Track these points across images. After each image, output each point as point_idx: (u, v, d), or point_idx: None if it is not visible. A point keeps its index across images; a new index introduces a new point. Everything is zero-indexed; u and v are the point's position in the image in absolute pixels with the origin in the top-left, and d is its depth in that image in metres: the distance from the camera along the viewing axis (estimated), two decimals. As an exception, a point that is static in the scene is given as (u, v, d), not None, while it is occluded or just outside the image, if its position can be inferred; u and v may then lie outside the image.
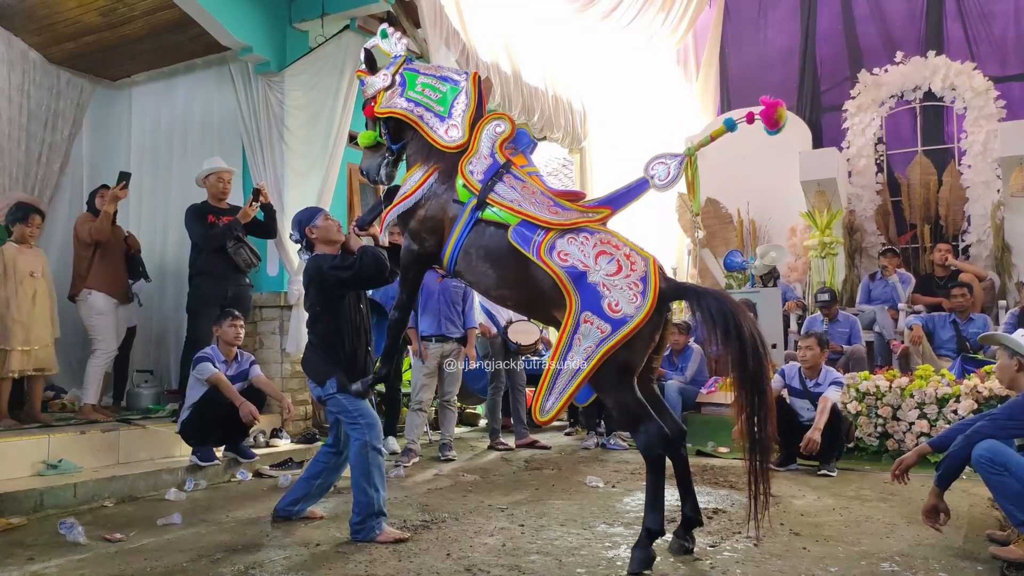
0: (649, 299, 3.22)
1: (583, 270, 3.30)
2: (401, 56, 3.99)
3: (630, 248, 3.39)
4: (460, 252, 3.62)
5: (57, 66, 7.14)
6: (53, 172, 7.17)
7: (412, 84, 3.89)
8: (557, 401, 3.26)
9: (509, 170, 3.62)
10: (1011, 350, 3.58)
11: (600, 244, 3.37)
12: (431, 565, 3.29)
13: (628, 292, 3.24)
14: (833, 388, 5.50)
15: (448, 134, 3.74)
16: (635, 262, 3.32)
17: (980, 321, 7.01)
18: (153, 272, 6.94)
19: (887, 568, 3.24)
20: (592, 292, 3.26)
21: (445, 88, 3.84)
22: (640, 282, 3.26)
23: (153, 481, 4.93)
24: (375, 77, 3.98)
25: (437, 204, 3.69)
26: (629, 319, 3.19)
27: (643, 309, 3.21)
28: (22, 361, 5.29)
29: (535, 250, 3.38)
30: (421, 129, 3.80)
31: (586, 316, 3.23)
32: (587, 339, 3.21)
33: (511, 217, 3.48)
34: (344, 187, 7.75)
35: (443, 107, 3.81)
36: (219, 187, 5.96)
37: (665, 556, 3.41)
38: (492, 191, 3.54)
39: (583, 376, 3.22)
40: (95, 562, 3.40)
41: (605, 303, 3.23)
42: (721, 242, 9.46)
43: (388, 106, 3.89)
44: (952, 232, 8.75)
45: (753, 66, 10.78)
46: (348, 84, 6.59)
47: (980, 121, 8.72)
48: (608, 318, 3.21)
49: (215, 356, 5.26)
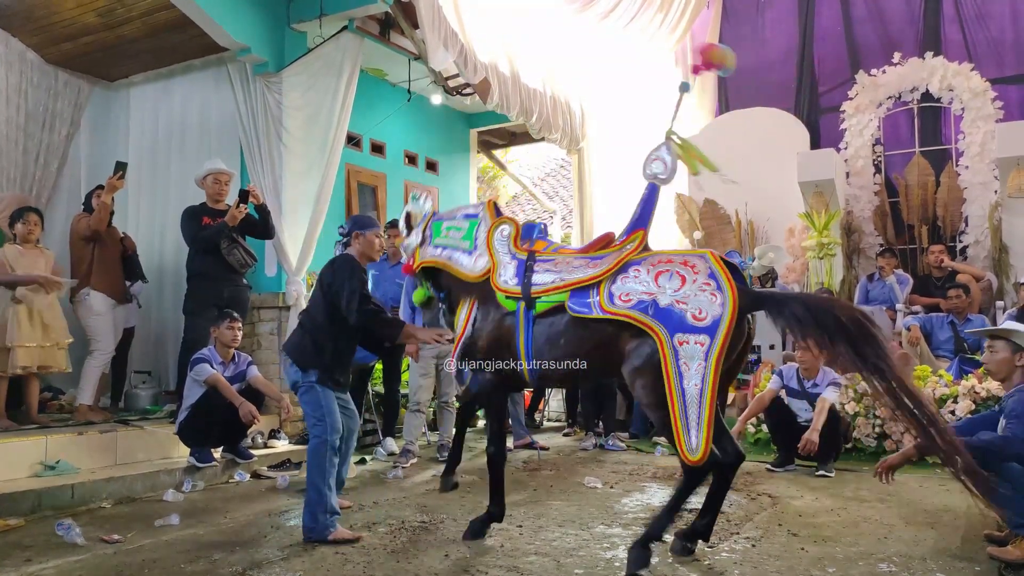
0: (728, 292, 3.15)
1: (650, 299, 3.25)
2: (429, 213, 4.15)
3: (683, 255, 3.36)
4: (533, 356, 3.61)
5: (55, 67, 7.14)
6: (51, 173, 7.17)
7: (438, 232, 4.05)
8: (701, 433, 3.08)
9: (535, 259, 3.67)
10: (1014, 344, 3.56)
11: (652, 268, 3.34)
12: (429, 566, 3.29)
13: (704, 295, 3.17)
14: (831, 389, 5.52)
15: (476, 264, 3.82)
16: (694, 264, 3.27)
17: (978, 322, 7.01)
18: (151, 273, 6.94)
19: (885, 569, 3.24)
20: (670, 314, 3.19)
21: (466, 224, 3.96)
22: (710, 279, 3.20)
23: (151, 482, 4.93)
24: (410, 238, 4.17)
25: (492, 328, 3.73)
26: (720, 318, 3.11)
27: (728, 304, 3.13)
28: (24, 359, 5.27)
29: (599, 309, 3.35)
30: (452, 270, 3.90)
31: (679, 338, 3.14)
32: (693, 360, 3.11)
33: (560, 296, 3.49)
34: (342, 188, 7.76)
35: (468, 241, 3.91)
36: (215, 188, 5.96)
37: (664, 556, 3.41)
38: (532, 285, 3.58)
39: (710, 397, 3.08)
40: (93, 563, 3.39)
41: (689, 316, 3.15)
42: (719, 243, 9.45)
43: (422, 259, 4.05)
44: (950, 233, 8.75)
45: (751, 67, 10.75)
46: (346, 85, 6.59)
47: (978, 122, 8.73)
48: (700, 329, 3.13)
49: (212, 357, 5.26)
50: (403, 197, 8.73)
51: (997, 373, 3.66)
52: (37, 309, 5.37)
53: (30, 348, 5.28)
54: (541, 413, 8.56)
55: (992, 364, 3.64)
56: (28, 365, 5.30)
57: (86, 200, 6.25)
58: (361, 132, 7.91)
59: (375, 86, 8.08)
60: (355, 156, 7.99)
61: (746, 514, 4.21)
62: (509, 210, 16.04)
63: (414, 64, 7.62)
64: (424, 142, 9.04)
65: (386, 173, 8.48)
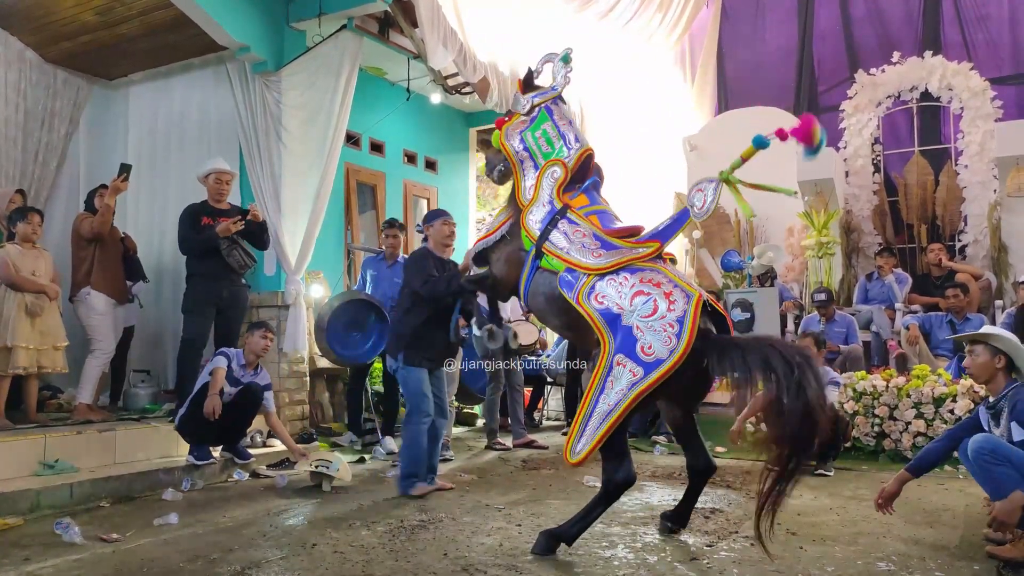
0: (684, 341, 3.17)
1: (617, 312, 3.33)
2: (556, 91, 4.14)
3: (674, 285, 3.36)
4: (528, 294, 3.88)
5: (54, 65, 7.13)
6: (50, 172, 7.16)
7: (537, 125, 4.06)
8: (588, 443, 3.27)
9: (565, 215, 3.77)
10: (993, 347, 3.58)
11: (640, 284, 3.38)
12: (428, 565, 3.29)
13: (663, 334, 3.21)
14: (830, 388, 5.52)
15: (527, 189, 3.97)
16: (675, 301, 3.28)
17: (977, 321, 7.01)
18: (150, 272, 6.93)
19: (884, 568, 3.25)
20: (627, 335, 3.26)
21: (558, 145, 4.00)
22: (676, 323, 3.21)
23: (150, 481, 4.93)
24: (523, 97, 4.18)
25: (509, 250, 4.03)
26: (661, 363, 3.16)
27: (676, 352, 3.16)
28: (23, 360, 5.26)
29: (575, 296, 3.49)
30: (516, 174, 4.05)
31: (619, 359, 3.24)
32: (619, 382, 3.21)
33: (559, 265, 3.65)
34: (342, 187, 7.75)
35: (541, 158, 4.00)
36: (217, 188, 5.96)
37: (661, 555, 3.41)
38: (547, 240, 3.73)
39: (614, 419, 3.22)
40: (91, 562, 3.39)
41: (639, 346, 3.22)
42: (719, 242, 9.46)
43: (507, 138, 4.12)
44: (949, 232, 8.75)
45: (750, 66, 10.79)
46: (345, 84, 6.59)
47: (977, 121, 8.73)
48: (640, 361, 3.20)
49: (236, 358, 5.29)
50: (402, 196, 8.73)
51: (979, 377, 3.68)
52: None
53: (28, 349, 5.27)
54: (540, 412, 8.56)
55: (974, 368, 3.66)
56: (27, 366, 5.29)
57: (87, 199, 6.25)
58: (360, 131, 7.90)
59: (374, 85, 8.07)
60: (354, 155, 7.98)
61: (745, 513, 4.21)
62: (508, 209, 16.04)
63: (413, 63, 7.61)
64: (423, 141, 9.04)
65: (385, 172, 8.47)
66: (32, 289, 5.29)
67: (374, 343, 6.41)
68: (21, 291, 5.27)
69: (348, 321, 6.36)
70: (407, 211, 8.79)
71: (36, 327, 5.33)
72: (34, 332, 5.32)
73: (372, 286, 6.60)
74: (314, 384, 6.93)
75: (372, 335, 6.43)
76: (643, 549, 3.53)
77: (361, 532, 3.84)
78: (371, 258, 6.95)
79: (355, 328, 6.41)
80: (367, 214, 8.25)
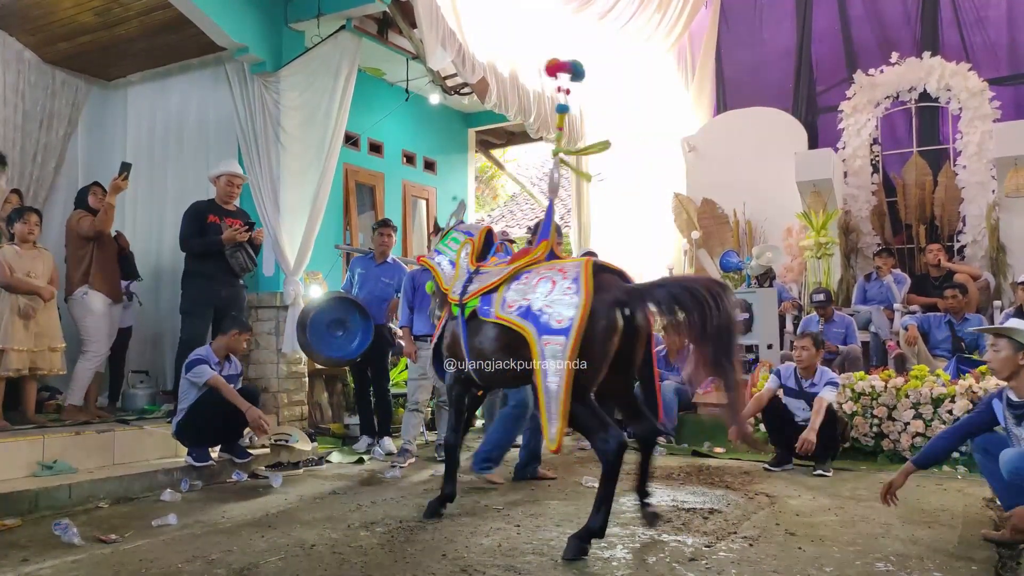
0: (583, 295, 3.39)
1: (527, 304, 3.57)
2: (455, 223, 4.63)
3: (563, 263, 3.68)
4: (470, 351, 3.96)
5: (52, 66, 7.13)
6: (48, 172, 7.17)
7: (445, 237, 4.51)
8: (555, 425, 3.40)
9: (478, 272, 4.07)
10: (1016, 342, 3.55)
11: (536, 274, 3.66)
12: (427, 565, 3.29)
13: (566, 299, 3.43)
14: (828, 388, 5.52)
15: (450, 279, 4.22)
16: (566, 270, 3.56)
17: (975, 321, 7.02)
18: (148, 273, 6.92)
19: (882, 568, 3.25)
20: (539, 316, 3.49)
21: (463, 239, 4.33)
22: (573, 283, 3.46)
23: (148, 482, 4.92)
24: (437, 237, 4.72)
25: (449, 331, 4.19)
26: (573, 322, 3.36)
27: (580, 306, 3.36)
28: (16, 362, 5.26)
29: (494, 314, 3.73)
30: (436, 276, 4.34)
31: (545, 340, 3.43)
32: (553, 360, 3.39)
33: (474, 301, 3.91)
34: (340, 187, 7.76)
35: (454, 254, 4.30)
36: (228, 190, 6.00)
37: (660, 556, 3.41)
38: (464, 293, 4.01)
39: (565, 394, 3.36)
40: (90, 563, 3.39)
41: (552, 320, 3.44)
42: (717, 242, 9.47)
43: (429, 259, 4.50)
44: (947, 232, 8.76)
45: (749, 67, 10.79)
46: (344, 84, 6.59)
47: (975, 122, 8.74)
48: (559, 331, 3.40)
49: (210, 357, 5.24)
50: (401, 196, 8.73)
51: (1001, 371, 3.65)
52: None
53: (21, 352, 5.26)
54: (539, 413, 8.55)
55: (996, 363, 3.64)
56: (20, 368, 5.28)
57: (79, 196, 6.17)
58: (359, 131, 7.90)
59: (373, 85, 8.07)
60: (353, 155, 7.98)
61: (744, 513, 4.21)
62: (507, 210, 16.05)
63: (412, 63, 7.62)
64: (422, 142, 9.04)
65: (384, 172, 8.48)
66: (25, 290, 5.27)
67: (359, 342, 6.34)
68: (15, 292, 5.25)
69: (331, 320, 6.25)
70: (406, 211, 8.79)
71: (31, 329, 5.31)
72: (28, 334, 5.30)
73: (359, 285, 6.55)
74: (313, 385, 6.93)
75: (357, 334, 6.35)
76: (642, 550, 3.53)
77: (360, 533, 3.84)
78: (359, 257, 6.91)
79: (338, 327, 6.29)
80: (366, 214, 8.25)
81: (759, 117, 9.76)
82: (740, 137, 9.57)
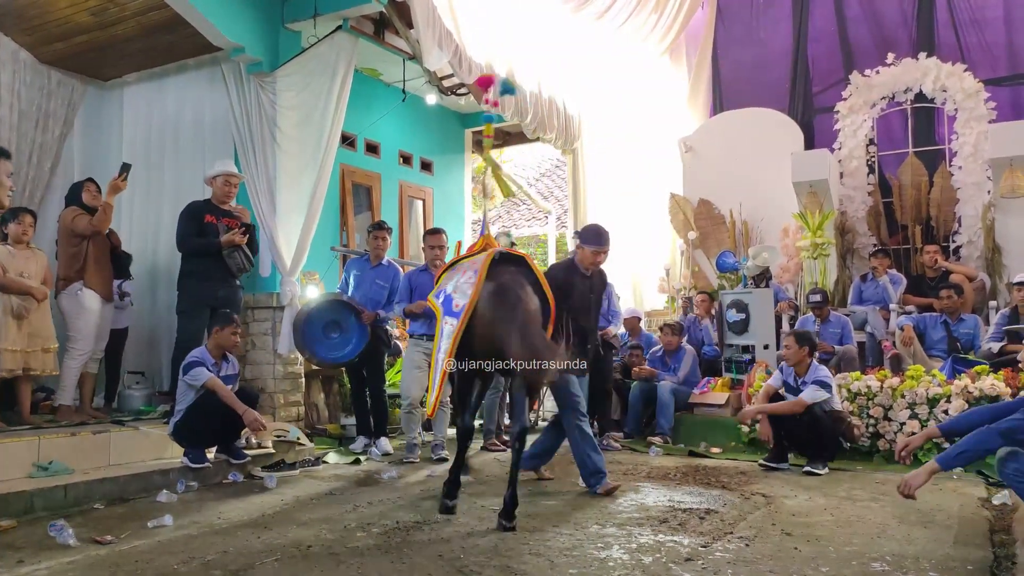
0: (476, 287, 3.84)
1: (446, 290, 4.09)
2: None
3: (479, 256, 4.09)
4: None
5: (48, 66, 7.11)
6: (44, 172, 7.14)
7: None
8: (432, 393, 4.03)
9: None
10: None
11: (461, 266, 4.15)
12: (423, 566, 3.29)
13: (467, 287, 3.92)
14: (812, 388, 5.51)
15: None
16: (475, 260, 4.06)
17: (971, 321, 7.04)
18: (145, 273, 6.90)
19: (878, 568, 3.25)
20: (448, 302, 4.01)
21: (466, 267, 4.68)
22: (473, 274, 3.93)
23: (144, 483, 4.91)
24: None
25: None
26: (464, 307, 3.84)
27: (470, 295, 3.83)
28: (9, 362, 5.24)
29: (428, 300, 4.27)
30: (437, 312, 4.51)
31: (445, 320, 3.97)
32: (444, 338, 3.93)
33: (436, 306, 4.29)
34: (337, 188, 7.75)
35: None
36: (225, 190, 5.98)
37: (656, 556, 3.41)
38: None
39: (443, 370, 3.89)
40: (85, 564, 3.38)
41: (453, 304, 3.95)
42: (714, 243, 9.48)
43: None
44: (943, 233, 8.78)
45: (745, 67, 10.81)
46: (340, 84, 6.59)
47: (971, 123, 8.76)
48: (456, 314, 3.91)
49: (206, 359, 5.23)
50: (398, 197, 8.73)
51: None
52: None
53: (14, 352, 5.23)
54: (536, 413, 8.56)
55: None
56: (13, 368, 5.26)
57: (70, 193, 6.08)
58: (356, 132, 7.90)
59: (369, 86, 8.07)
60: (350, 156, 7.98)
61: (740, 513, 4.22)
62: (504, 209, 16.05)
63: (409, 64, 7.62)
64: (419, 142, 9.04)
65: (381, 173, 8.47)
66: (18, 290, 5.25)
67: (355, 343, 6.34)
68: (8, 293, 5.23)
69: (327, 322, 6.24)
70: (403, 212, 8.79)
71: (24, 329, 5.29)
72: (21, 334, 5.28)
73: (354, 287, 6.54)
74: (309, 385, 6.92)
75: (353, 336, 6.35)
76: (638, 550, 3.53)
77: (356, 533, 3.84)
78: (355, 259, 6.91)
79: (334, 329, 6.28)
80: (362, 215, 8.24)
81: (756, 118, 9.77)
82: (737, 138, 9.59)
